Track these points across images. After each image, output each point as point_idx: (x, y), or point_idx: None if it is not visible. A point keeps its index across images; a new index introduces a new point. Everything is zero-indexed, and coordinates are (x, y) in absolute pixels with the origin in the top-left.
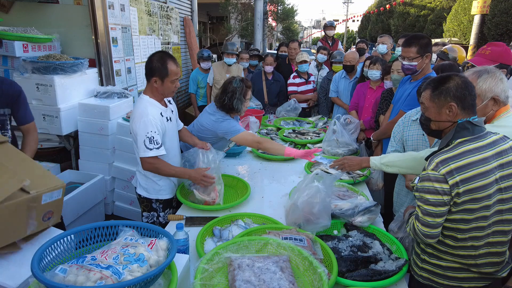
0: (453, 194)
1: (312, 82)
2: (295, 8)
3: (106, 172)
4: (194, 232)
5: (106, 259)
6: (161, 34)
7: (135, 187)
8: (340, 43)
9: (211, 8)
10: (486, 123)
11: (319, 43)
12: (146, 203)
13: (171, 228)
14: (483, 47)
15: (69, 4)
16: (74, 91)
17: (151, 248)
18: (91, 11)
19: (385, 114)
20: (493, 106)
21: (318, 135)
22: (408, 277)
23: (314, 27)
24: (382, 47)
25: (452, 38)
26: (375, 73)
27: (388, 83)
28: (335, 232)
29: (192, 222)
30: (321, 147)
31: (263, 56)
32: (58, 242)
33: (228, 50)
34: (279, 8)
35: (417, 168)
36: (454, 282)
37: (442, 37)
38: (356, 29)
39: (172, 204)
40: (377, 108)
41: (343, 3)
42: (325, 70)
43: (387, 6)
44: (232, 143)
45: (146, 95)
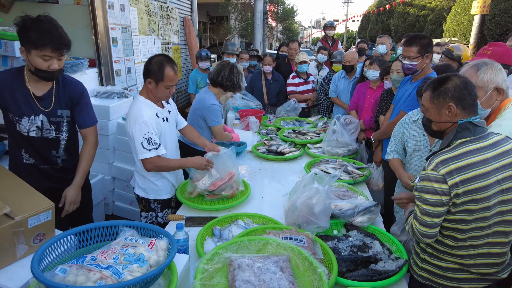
0: (452, 194)
1: (311, 82)
2: (295, 8)
3: (106, 172)
4: (194, 232)
5: (106, 259)
6: (161, 34)
7: (133, 187)
8: (340, 43)
9: (211, 8)
10: (492, 115)
11: (319, 43)
12: (144, 203)
13: (171, 228)
14: (484, 48)
15: (69, 4)
16: None
17: (151, 248)
18: (91, 11)
19: (385, 114)
20: (497, 97)
21: (318, 135)
22: (408, 277)
23: (314, 27)
24: (381, 47)
25: (452, 38)
26: (372, 73)
27: (388, 83)
28: (335, 232)
29: (192, 222)
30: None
31: (262, 56)
32: (58, 242)
33: (228, 50)
34: (279, 8)
35: None
36: (453, 283)
37: (442, 37)
38: (356, 29)
39: (170, 205)
40: (377, 108)
41: (343, 3)
42: (325, 70)
43: (387, 6)
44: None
45: (141, 96)
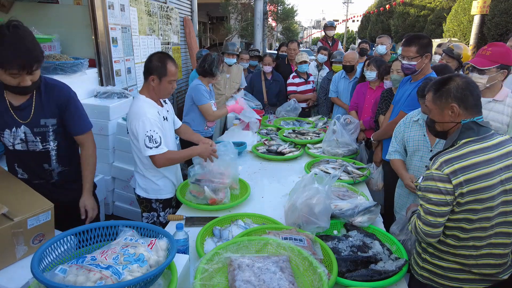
0: (456, 194)
1: (311, 82)
2: (295, 8)
3: (106, 172)
4: (194, 232)
5: (106, 259)
6: (161, 34)
7: (134, 188)
8: (340, 43)
9: (211, 8)
10: None
11: (319, 43)
12: (145, 204)
13: (171, 228)
14: (483, 48)
15: (69, 4)
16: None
17: (151, 248)
18: (91, 11)
19: (384, 114)
20: None
21: (318, 135)
22: (408, 277)
23: (314, 27)
24: (381, 47)
25: (452, 38)
26: (369, 74)
27: (388, 83)
28: (335, 232)
29: (192, 222)
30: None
31: (262, 56)
32: (58, 243)
33: (228, 50)
34: (279, 8)
35: None
36: (454, 283)
37: (442, 37)
38: (356, 29)
39: (171, 204)
40: (376, 108)
41: (343, 3)
42: (325, 70)
43: (387, 6)
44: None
45: (142, 95)
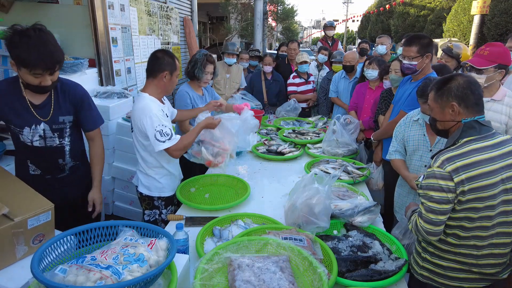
0: (458, 192)
1: (311, 82)
2: (295, 8)
3: (106, 172)
4: (194, 232)
5: (106, 259)
6: (161, 34)
7: (136, 186)
8: (340, 43)
9: (211, 8)
10: None
11: (319, 43)
12: (148, 201)
13: (171, 228)
14: (481, 48)
15: (69, 4)
16: None
17: (151, 248)
18: (91, 11)
19: (384, 114)
20: None
21: (318, 135)
22: (408, 276)
23: (314, 27)
24: (381, 47)
25: (452, 38)
26: (370, 72)
27: (387, 83)
28: (335, 232)
29: (192, 222)
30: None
31: (263, 56)
32: (58, 242)
33: (228, 50)
34: (279, 8)
35: None
36: (454, 282)
37: (442, 37)
38: (356, 29)
39: (173, 202)
40: (376, 108)
41: (343, 3)
42: (325, 71)
43: (387, 6)
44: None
45: (145, 93)
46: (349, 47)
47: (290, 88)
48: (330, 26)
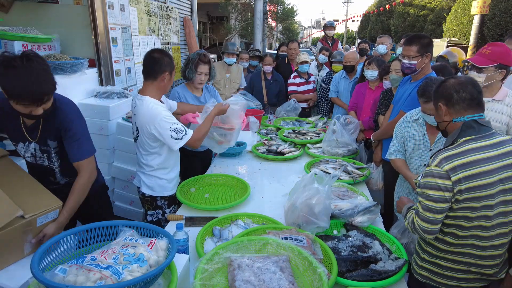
0: (455, 191)
1: (312, 82)
2: (295, 8)
3: (105, 172)
4: (194, 232)
5: (106, 259)
6: (160, 34)
7: (138, 187)
8: (340, 43)
9: (211, 8)
10: None
11: (319, 43)
12: (151, 202)
13: (171, 228)
14: (483, 47)
15: (69, 4)
16: (74, 91)
17: (151, 248)
18: (91, 11)
19: (384, 114)
20: None
21: (318, 135)
22: (408, 276)
23: (314, 27)
24: (381, 47)
25: (452, 38)
26: (370, 73)
27: (387, 83)
28: (335, 232)
29: (192, 222)
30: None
31: (263, 56)
32: (58, 242)
33: (228, 50)
34: (279, 8)
35: None
36: (453, 281)
37: (442, 37)
38: (356, 29)
39: (176, 201)
40: (375, 108)
41: (343, 3)
42: (325, 71)
43: (387, 6)
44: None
45: (147, 96)
46: (345, 47)
47: (290, 88)
48: (330, 26)
